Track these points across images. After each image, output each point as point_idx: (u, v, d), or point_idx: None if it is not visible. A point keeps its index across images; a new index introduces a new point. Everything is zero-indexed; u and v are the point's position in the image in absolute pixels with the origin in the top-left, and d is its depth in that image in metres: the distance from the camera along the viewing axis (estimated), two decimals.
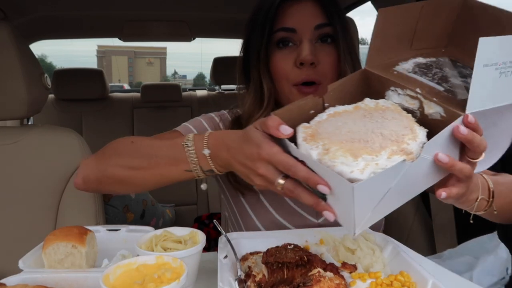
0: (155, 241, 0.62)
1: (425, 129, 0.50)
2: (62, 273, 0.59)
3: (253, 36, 0.81)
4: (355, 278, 0.55)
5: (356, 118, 0.52)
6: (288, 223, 0.82)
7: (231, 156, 0.57)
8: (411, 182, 0.50)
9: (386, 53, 0.59)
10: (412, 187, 0.51)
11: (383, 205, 0.49)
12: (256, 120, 0.78)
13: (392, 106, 0.54)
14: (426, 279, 0.51)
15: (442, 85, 0.55)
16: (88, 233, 0.66)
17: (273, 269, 0.57)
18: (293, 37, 0.77)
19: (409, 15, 0.57)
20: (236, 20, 2.05)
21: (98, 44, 62.99)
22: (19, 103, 1.05)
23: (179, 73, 78.40)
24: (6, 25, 1.03)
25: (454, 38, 0.62)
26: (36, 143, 1.08)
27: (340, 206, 0.48)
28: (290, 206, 0.83)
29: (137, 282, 0.50)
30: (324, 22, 0.76)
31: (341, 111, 0.55)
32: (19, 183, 1.06)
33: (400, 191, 0.49)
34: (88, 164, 0.73)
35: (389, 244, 0.63)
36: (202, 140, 0.61)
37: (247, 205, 0.84)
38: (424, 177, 0.51)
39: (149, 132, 2.66)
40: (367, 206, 0.47)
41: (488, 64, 0.48)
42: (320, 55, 0.76)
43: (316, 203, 0.50)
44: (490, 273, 0.59)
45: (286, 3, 0.77)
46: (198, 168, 0.62)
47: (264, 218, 0.82)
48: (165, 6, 1.83)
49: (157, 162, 0.65)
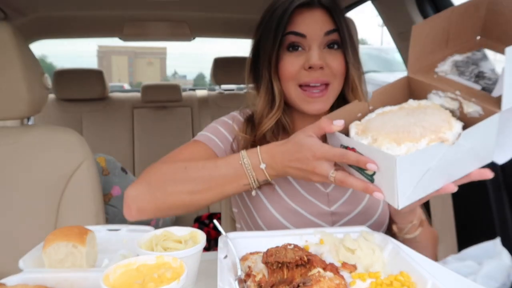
0: (155, 241, 0.62)
1: (461, 122, 0.56)
2: (63, 273, 0.59)
3: (264, 40, 0.85)
4: (355, 278, 0.56)
5: (401, 115, 0.59)
6: (303, 210, 0.85)
7: (287, 165, 0.66)
8: (449, 166, 0.56)
9: (424, 58, 0.64)
10: (450, 171, 0.57)
11: (424, 183, 0.55)
12: (269, 119, 0.86)
13: (432, 105, 0.61)
14: (426, 279, 0.51)
15: (479, 82, 0.61)
16: (89, 233, 0.66)
17: (273, 269, 0.57)
18: (303, 42, 0.81)
19: (441, 21, 0.61)
20: (236, 20, 2.05)
21: (98, 44, 62.98)
22: (20, 103, 1.05)
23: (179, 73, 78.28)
24: (7, 25, 1.03)
25: (486, 30, 0.65)
26: (36, 143, 1.08)
27: (386, 183, 0.55)
28: (303, 196, 0.86)
29: (137, 282, 0.50)
30: (333, 28, 0.81)
31: (387, 110, 0.63)
32: (19, 183, 1.06)
33: (439, 173, 0.56)
34: (139, 195, 0.74)
35: (389, 244, 0.63)
36: (257, 156, 0.69)
37: (263, 197, 0.86)
38: (461, 163, 0.57)
39: (149, 132, 2.66)
40: (409, 180, 0.53)
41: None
42: (328, 59, 0.81)
43: (365, 186, 0.58)
44: (493, 278, 0.59)
45: (298, 10, 0.81)
46: (256, 180, 0.70)
47: (281, 208, 0.85)
48: (165, 6, 1.83)
49: (217, 183, 0.71)
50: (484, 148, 0.58)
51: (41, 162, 1.07)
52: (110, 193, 1.68)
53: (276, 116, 0.86)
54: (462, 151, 0.55)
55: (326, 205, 0.86)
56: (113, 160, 1.76)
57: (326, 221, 0.85)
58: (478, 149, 0.57)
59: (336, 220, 0.85)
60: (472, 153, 0.57)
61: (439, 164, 0.54)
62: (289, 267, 0.56)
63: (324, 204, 0.86)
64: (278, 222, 0.84)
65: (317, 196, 0.86)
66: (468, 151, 0.56)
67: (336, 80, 0.83)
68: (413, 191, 0.55)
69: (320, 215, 0.85)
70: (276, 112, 0.86)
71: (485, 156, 0.59)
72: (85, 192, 1.09)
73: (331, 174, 0.61)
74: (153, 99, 2.46)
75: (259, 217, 0.87)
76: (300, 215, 0.84)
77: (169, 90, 2.49)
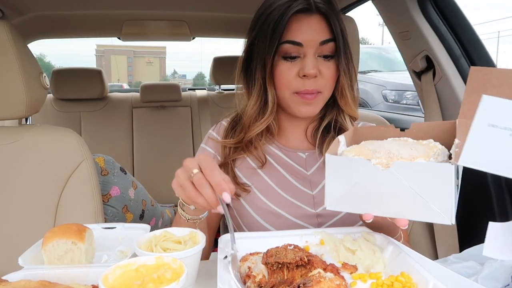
0: (154, 241, 0.62)
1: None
2: (63, 269, 0.59)
3: (259, 43, 0.84)
4: (355, 278, 0.55)
5: (400, 144, 0.59)
6: (287, 213, 0.85)
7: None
8: (384, 194, 0.54)
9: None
10: (384, 200, 0.55)
11: (354, 197, 0.56)
12: (260, 123, 0.87)
13: (440, 146, 0.57)
14: (427, 280, 0.51)
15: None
16: (87, 230, 0.66)
17: (273, 270, 0.56)
18: (299, 50, 0.81)
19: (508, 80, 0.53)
20: (235, 20, 2.05)
21: (97, 43, 62.99)
22: (18, 102, 1.05)
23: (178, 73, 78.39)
24: (5, 24, 1.03)
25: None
26: (34, 143, 1.08)
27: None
28: (288, 200, 0.86)
29: (136, 282, 0.50)
30: (329, 38, 0.81)
31: (402, 139, 0.61)
32: (17, 183, 1.06)
33: (370, 195, 0.55)
34: None
35: (390, 244, 0.63)
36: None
37: (245, 203, 0.87)
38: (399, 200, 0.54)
39: (148, 132, 2.65)
40: (337, 183, 0.56)
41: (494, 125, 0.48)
42: (321, 67, 0.82)
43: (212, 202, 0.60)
44: (495, 279, 0.59)
45: (295, 16, 0.80)
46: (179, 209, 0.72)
47: (262, 211, 0.85)
48: (165, 6, 1.83)
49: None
50: (433, 197, 0.51)
51: (40, 162, 1.07)
52: (109, 193, 1.68)
53: (268, 121, 0.87)
54: (400, 185, 0.52)
55: (311, 207, 0.86)
56: (112, 160, 1.75)
57: (312, 223, 0.85)
58: (424, 194, 0.52)
59: (322, 222, 0.85)
60: (412, 194, 0.52)
61: (369, 184, 0.54)
62: (289, 268, 0.56)
63: (310, 207, 0.86)
64: (261, 225, 0.84)
65: (302, 199, 0.86)
66: (408, 190, 0.52)
67: (327, 89, 0.84)
68: (342, 198, 0.56)
69: (305, 217, 0.85)
70: (269, 117, 0.87)
71: (436, 209, 0.52)
72: (83, 192, 1.09)
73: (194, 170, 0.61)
74: (152, 99, 2.45)
75: (243, 222, 0.88)
76: (283, 217, 0.84)
77: (169, 89, 2.48)
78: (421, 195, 0.52)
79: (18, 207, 1.05)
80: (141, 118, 2.45)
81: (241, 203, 0.87)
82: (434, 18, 1.26)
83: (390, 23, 1.40)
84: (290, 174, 0.89)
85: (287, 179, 0.88)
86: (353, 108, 0.90)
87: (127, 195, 1.74)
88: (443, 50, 1.25)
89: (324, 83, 0.83)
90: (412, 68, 1.39)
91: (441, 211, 0.51)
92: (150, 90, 2.47)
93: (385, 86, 4.61)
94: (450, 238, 1.19)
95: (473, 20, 1.54)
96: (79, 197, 1.08)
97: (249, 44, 0.88)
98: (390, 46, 6.24)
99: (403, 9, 1.28)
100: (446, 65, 1.24)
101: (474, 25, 1.29)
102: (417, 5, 1.26)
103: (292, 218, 0.84)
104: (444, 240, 1.20)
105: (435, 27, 1.25)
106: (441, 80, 1.28)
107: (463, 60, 1.24)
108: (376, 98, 4.62)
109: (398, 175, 0.52)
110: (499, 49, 30.22)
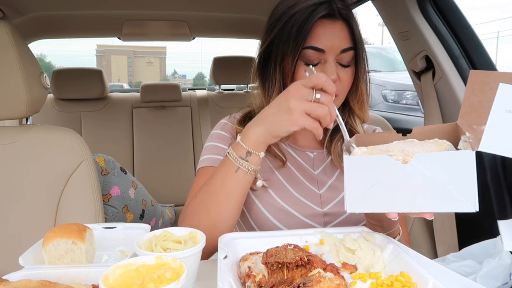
0: (154, 241, 0.62)
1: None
2: (64, 269, 0.59)
3: (280, 44, 0.83)
4: (355, 278, 0.55)
5: (409, 143, 0.59)
6: (296, 211, 0.85)
7: (263, 114, 0.70)
8: (404, 188, 0.54)
9: (479, 116, 0.58)
10: (406, 194, 0.55)
11: (376, 196, 0.55)
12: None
13: (448, 142, 0.57)
14: (426, 279, 0.51)
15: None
16: (87, 230, 0.66)
17: (273, 270, 0.56)
18: (320, 56, 0.81)
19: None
20: (235, 20, 2.05)
21: (97, 43, 62.99)
22: (18, 102, 1.05)
23: (178, 73, 78.37)
24: (5, 24, 1.03)
25: None
26: (35, 143, 1.08)
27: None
28: (296, 197, 0.87)
29: (136, 282, 0.50)
30: (350, 46, 0.82)
31: (409, 140, 0.61)
32: (18, 183, 1.06)
33: (392, 191, 0.55)
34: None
35: (390, 244, 0.63)
36: (238, 140, 0.73)
37: (255, 199, 0.87)
38: (421, 192, 0.54)
39: (148, 132, 2.65)
40: (357, 184, 0.55)
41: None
42: (340, 73, 0.83)
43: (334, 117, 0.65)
44: (494, 277, 0.59)
45: (320, 20, 0.80)
46: (239, 159, 0.72)
47: (273, 209, 0.86)
48: (165, 6, 1.83)
49: (222, 185, 0.74)
50: (456, 186, 0.52)
51: (40, 162, 1.07)
52: (109, 193, 1.68)
53: None
54: (423, 178, 0.53)
55: (319, 206, 0.87)
56: (112, 160, 1.75)
57: (319, 222, 0.86)
58: (447, 183, 0.52)
59: (329, 221, 0.86)
60: (436, 185, 0.53)
61: (390, 179, 0.54)
62: (289, 268, 0.56)
63: (317, 205, 0.87)
64: (271, 223, 0.85)
65: (310, 198, 0.87)
66: (431, 181, 0.53)
67: (343, 93, 0.85)
68: (363, 199, 0.55)
69: (312, 216, 0.85)
70: None
71: (460, 198, 0.52)
72: (84, 192, 1.09)
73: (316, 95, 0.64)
74: (152, 99, 2.46)
75: (251, 218, 0.88)
76: (292, 216, 0.85)
77: (169, 89, 2.48)
78: (445, 185, 0.52)
79: (18, 206, 1.05)
80: (141, 118, 2.45)
81: (252, 198, 0.87)
82: (434, 18, 1.26)
83: (390, 23, 1.41)
84: (300, 173, 0.90)
85: (298, 178, 0.89)
86: (366, 112, 0.91)
87: (127, 195, 1.74)
88: (442, 50, 1.25)
89: (341, 88, 0.83)
90: (412, 68, 1.39)
91: (465, 199, 0.52)
92: (150, 90, 2.47)
93: (384, 86, 4.61)
94: (449, 238, 1.19)
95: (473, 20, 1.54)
96: (79, 197, 1.08)
97: (268, 43, 0.86)
98: (390, 46, 6.24)
99: (402, 9, 1.28)
100: (445, 65, 1.25)
101: (474, 25, 1.29)
102: (417, 5, 1.27)
103: (301, 217, 0.85)
104: (444, 240, 1.20)
105: (435, 27, 1.25)
106: (440, 80, 1.28)
107: (463, 60, 1.24)
108: (376, 98, 4.62)
109: (420, 167, 0.53)
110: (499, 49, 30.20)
